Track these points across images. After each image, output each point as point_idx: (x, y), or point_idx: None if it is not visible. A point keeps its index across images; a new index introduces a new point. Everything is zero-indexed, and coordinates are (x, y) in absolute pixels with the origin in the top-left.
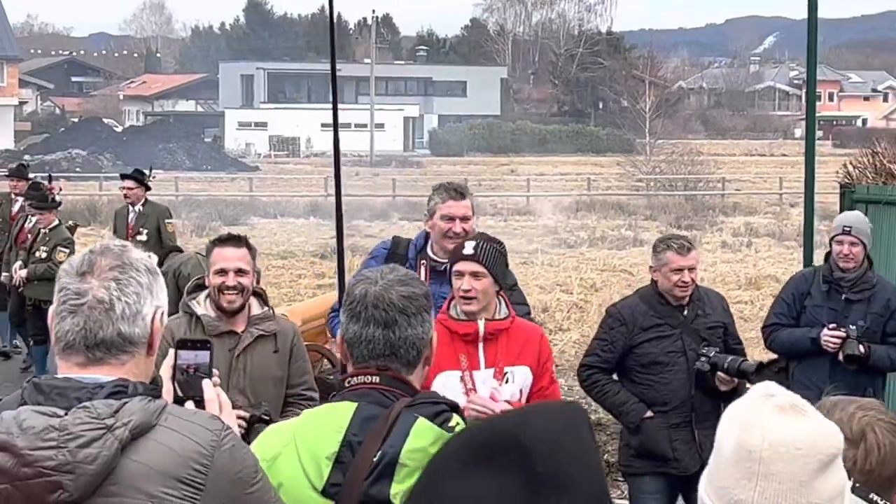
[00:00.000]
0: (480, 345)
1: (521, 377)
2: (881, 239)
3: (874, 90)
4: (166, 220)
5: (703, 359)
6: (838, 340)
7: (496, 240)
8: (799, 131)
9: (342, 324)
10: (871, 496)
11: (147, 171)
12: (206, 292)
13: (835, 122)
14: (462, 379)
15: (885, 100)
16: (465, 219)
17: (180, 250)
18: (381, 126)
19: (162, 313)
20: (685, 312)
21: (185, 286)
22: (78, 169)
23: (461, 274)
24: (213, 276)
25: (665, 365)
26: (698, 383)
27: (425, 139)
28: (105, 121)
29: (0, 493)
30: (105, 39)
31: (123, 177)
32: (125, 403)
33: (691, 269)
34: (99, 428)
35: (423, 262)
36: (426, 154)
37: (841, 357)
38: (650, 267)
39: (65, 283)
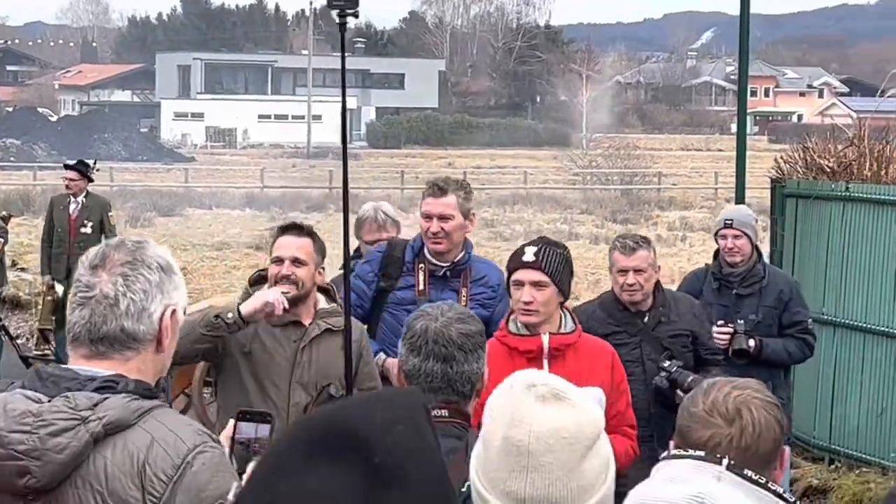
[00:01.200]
0: (545, 362)
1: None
2: (811, 233)
3: (810, 86)
4: (109, 213)
5: (662, 374)
6: (727, 336)
7: (559, 244)
8: (735, 126)
9: (401, 355)
10: (744, 472)
11: (91, 163)
12: (267, 284)
13: (770, 118)
14: None
15: (821, 95)
16: (443, 217)
17: None
18: (318, 118)
19: (173, 311)
20: (645, 319)
21: None
22: (12, 158)
23: (520, 284)
24: (270, 265)
25: None
26: (658, 400)
27: (363, 131)
28: (40, 110)
29: None
30: (41, 28)
31: (67, 167)
32: (106, 398)
33: (638, 270)
34: (73, 419)
35: (420, 266)
36: (363, 146)
37: (730, 353)
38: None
39: (79, 275)
